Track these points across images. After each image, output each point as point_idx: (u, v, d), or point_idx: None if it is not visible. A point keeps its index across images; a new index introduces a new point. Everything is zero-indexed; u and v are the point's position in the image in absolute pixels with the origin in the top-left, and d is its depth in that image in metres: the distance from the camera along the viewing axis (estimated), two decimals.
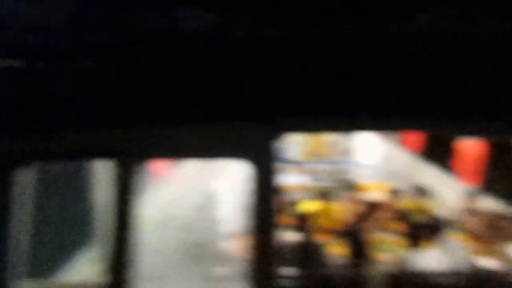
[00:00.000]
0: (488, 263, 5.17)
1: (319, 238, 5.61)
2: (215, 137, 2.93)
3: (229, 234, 3.95)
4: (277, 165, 2.97)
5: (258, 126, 2.84)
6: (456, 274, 4.74)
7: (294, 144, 10.85)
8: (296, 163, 9.59)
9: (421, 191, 6.84)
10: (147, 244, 3.49)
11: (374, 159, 11.01)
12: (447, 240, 5.12)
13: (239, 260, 3.45)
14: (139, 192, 3.36)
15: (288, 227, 6.28)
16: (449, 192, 10.16)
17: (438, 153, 11.81)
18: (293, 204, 7.03)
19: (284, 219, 6.44)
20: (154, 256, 3.41)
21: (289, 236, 5.86)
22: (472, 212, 6.60)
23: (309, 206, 6.74)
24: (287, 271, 4.79)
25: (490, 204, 7.24)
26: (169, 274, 3.33)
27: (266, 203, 2.93)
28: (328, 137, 10.82)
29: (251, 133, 2.89)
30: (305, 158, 10.80)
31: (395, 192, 6.69)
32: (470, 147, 8.68)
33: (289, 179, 9.39)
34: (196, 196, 4.14)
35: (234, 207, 3.35)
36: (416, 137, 12.28)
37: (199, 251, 3.48)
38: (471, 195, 6.81)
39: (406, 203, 6.90)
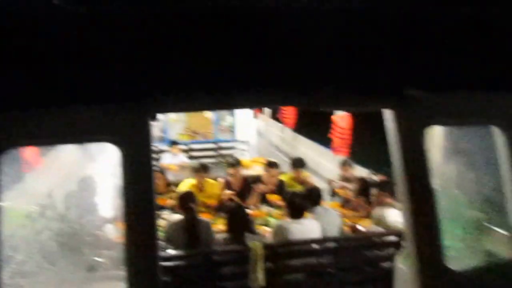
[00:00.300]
0: (361, 227, 5.58)
1: (203, 216, 5.62)
2: (83, 120, 2.69)
3: (108, 220, 3.78)
4: (152, 146, 2.82)
5: (128, 107, 2.67)
6: (332, 240, 5.01)
7: (174, 124, 10.72)
8: (177, 143, 9.46)
9: (299, 164, 7.12)
10: (20, 239, 3.19)
11: (253, 136, 11.25)
12: (324, 208, 5.39)
13: (119, 246, 3.28)
14: (5, 184, 3.07)
15: (170, 207, 6.22)
16: (326, 163, 10.78)
17: (315, 126, 12.43)
18: (175, 184, 6.96)
19: (165, 200, 6.36)
20: (28, 250, 3.12)
21: (172, 217, 5.80)
22: (346, 180, 7.07)
23: (190, 185, 6.70)
24: (171, 252, 4.73)
25: (360, 172, 7.78)
26: (46, 267, 3.07)
27: (142, 184, 2.79)
28: (208, 116, 10.82)
29: (121, 114, 2.70)
30: (185, 138, 10.72)
31: (274, 166, 6.88)
32: (341, 120, 9.21)
33: (170, 159, 9.29)
34: (73, 184, 3.86)
35: (112, 192, 3.19)
36: (293, 113, 12.79)
37: (77, 240, 3.24)
38: (344, 165, 7.27)
39: (284, 176, 7.17)
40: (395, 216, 4.99)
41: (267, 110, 9.61)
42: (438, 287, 3.04)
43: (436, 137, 3.42)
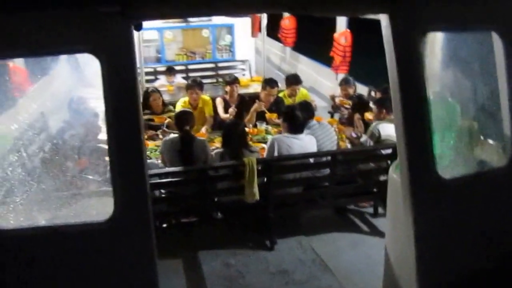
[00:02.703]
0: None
1: (199, 135, 5.64)
2: (56, 27, 2.52)
3: (102, 141, 3.75)
4: (135, 55, 2.70)
5: (108, 12, 2.52)
6: (327, 153, 5.01)
7: (170, 44, 10.43)
8: (172, 69, 9.23)
9: (294, 80, 6.98)
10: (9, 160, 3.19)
11: (252, 55, 10.98)
12: (319, 123, 5.34)
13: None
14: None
15: (167, 126, 6.20)
16: (325, 81, 10.64)
17: (316, 45, 12.15)
18: (171, 104, 6.88)
19: (163, 118, 6.34)
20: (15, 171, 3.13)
21: (169, 135, 5.79)
22: (346, 97, 6.96)
23: (183, 102, 6.64)
24: (167, 169, 4.77)
25: (360, 89, 7.67)
26: (33, 185, 3.08)
27: (126, 96, 2.69)
28: (206, 35, 10.50)
29: (99, 21, 2.54)
30: (182, 58, 10.47)
31: (272, 84, 6.74)
32: (342, 37, 8.96)
33: (167, 79, 9.15)
34: (64, 107, 3.81)
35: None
36: (293, 32, 12.46)
37: (67, 159, 3.24)
38: (343, 83, 7.12)
39: (282, 93, 7.06)
40: (389, 130, 4.93)
41: (264, 29, 9.29)
42: (429, 195, 3.04)
43: (433, 44, 3.29)
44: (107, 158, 3.61)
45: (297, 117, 4.94)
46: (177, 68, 9.83)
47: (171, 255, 4.65)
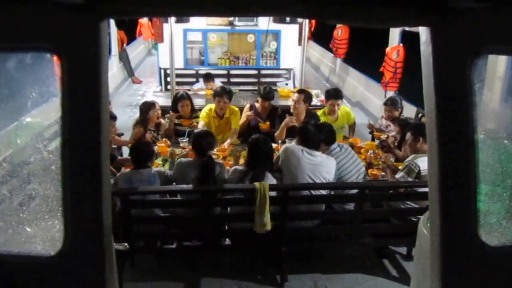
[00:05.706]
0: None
1: (219, 150, 5.26)
2: (8, 21, 2.12)
3: None
4: (104, 57, 2.23)
5: (72, 6, 2.07)
6: (354, 186, 4.37)
7: (215, 48, 10.06)
8: (210, 77, 8.75)
9: (334, 94, 6.29)
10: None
11: (299, 64, 10.40)
12: (343, 147, 4.67)
13: None
14: (39, 100, 2.80)
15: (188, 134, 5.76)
16: (373, 98, 9.96)
17: (368, 59, 11.50)
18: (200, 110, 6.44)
19: (189, 122, 5.95)
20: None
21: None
22: (390, 119, 6.25)
23: (209, 108, 6.17)
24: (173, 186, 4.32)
25: (408, 110, 6.97)
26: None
27: (89, 105, 2.23)
28: (251, 41, 10.03)
29: (61, 15, 2.11)
30: (225, 62, 10.06)
31: (309, 97, 6.13)
32: (393, 52, 8.33)
33: (205, 85, 8.71)
34: None
35: None
36: (346, 43, 11.85)
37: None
38: (388, 104, 6.39)
39: (322, 110, 6.44)
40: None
41: (305, 37, 8.71)
42: (465, 265, 2.36)
43: (489, 69, 2.62)
44: None
45: (309, 131, 4.39)
46: (219, 72, 9.54)
47: (172, 279, 4.34)
